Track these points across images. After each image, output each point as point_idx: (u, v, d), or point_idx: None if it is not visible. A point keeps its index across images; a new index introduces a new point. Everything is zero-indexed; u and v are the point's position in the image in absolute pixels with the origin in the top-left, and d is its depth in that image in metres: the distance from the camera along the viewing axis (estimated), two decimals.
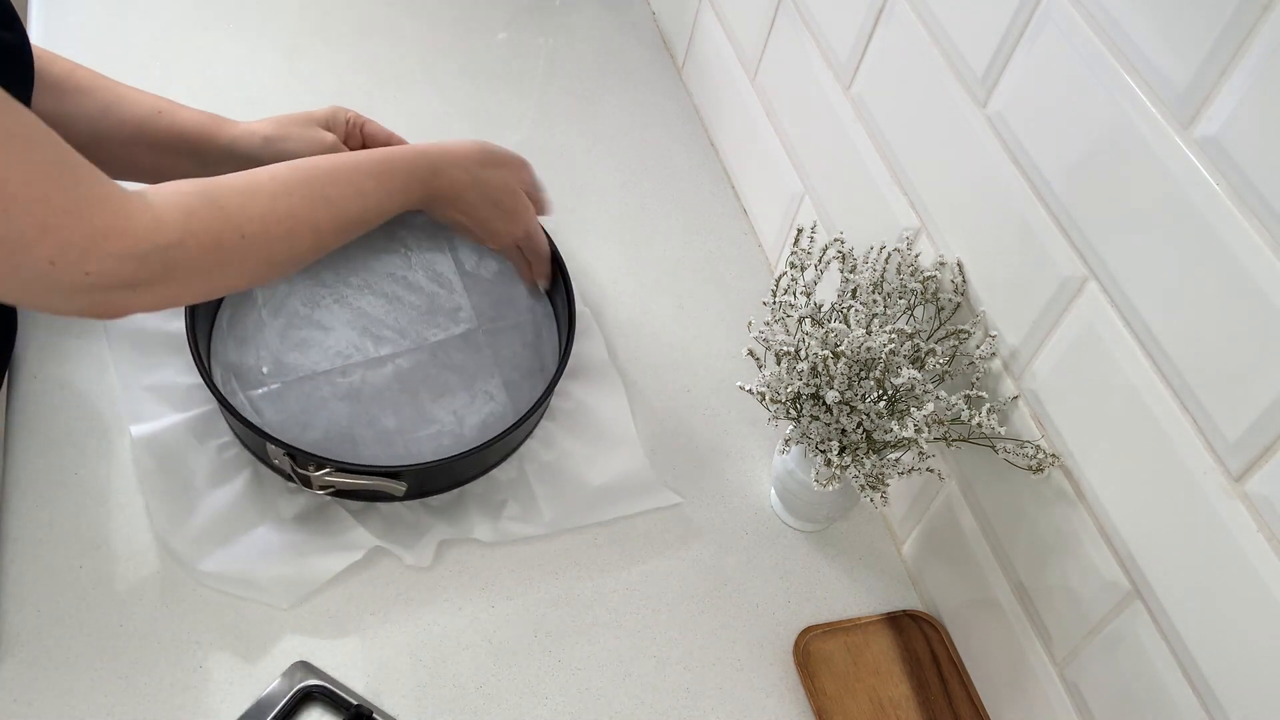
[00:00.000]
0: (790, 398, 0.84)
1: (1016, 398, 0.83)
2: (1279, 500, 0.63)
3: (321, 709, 0.80)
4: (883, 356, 0.82)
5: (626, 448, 0.98)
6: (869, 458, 0.83)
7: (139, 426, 0.89)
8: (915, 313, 0.89)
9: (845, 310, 0.87)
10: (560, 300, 0.99)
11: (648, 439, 1.01)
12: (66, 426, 0.90)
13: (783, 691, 0.88)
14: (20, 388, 0.91)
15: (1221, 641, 0.67)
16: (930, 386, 0.82)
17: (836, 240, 0.89)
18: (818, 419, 0.85)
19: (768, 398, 0.85)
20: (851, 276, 0.88)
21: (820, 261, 0.90)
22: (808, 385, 0.83)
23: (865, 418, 0.83)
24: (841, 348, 0.81)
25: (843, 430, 0.84)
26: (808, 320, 0.86)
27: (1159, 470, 0.71)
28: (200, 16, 1.26)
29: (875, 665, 0.90)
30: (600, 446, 0.97)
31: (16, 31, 0.76)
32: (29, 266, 0.65)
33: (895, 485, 0.96)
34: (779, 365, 0.85)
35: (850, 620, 0.93)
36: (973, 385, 0.85)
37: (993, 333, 0.84)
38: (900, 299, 0.88)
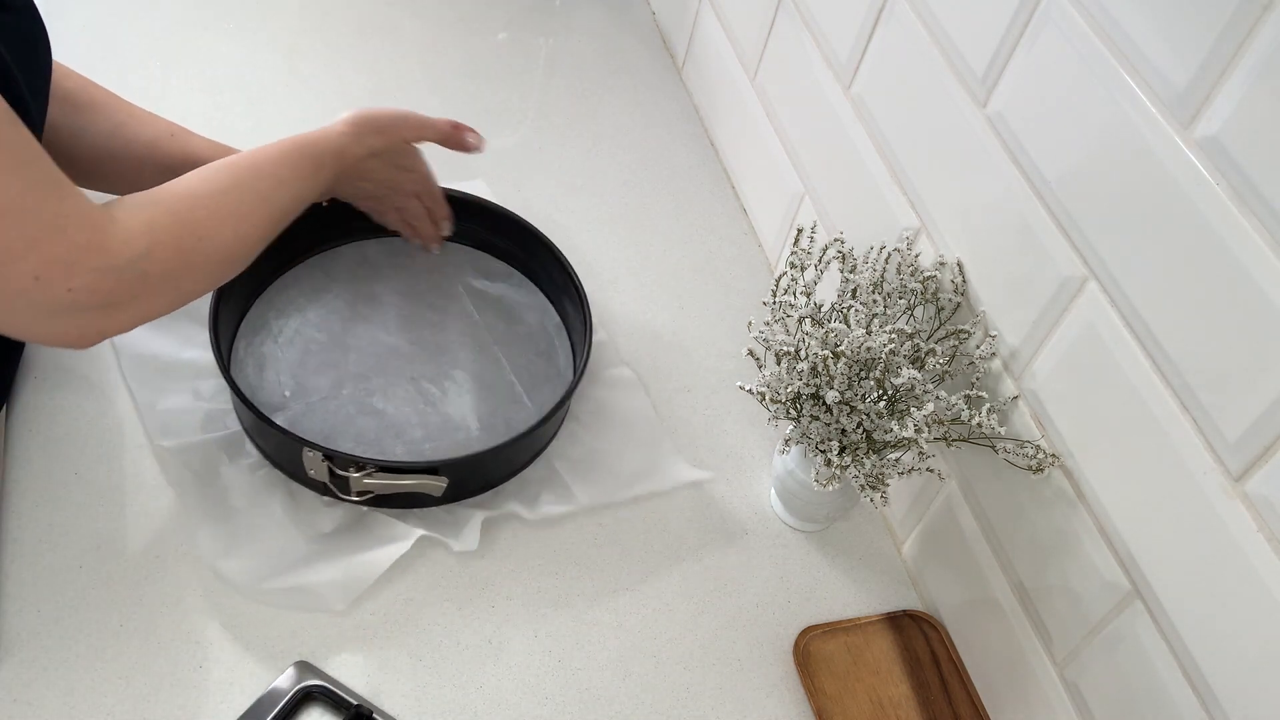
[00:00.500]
0: (790, 398, 0.84)
1: (1016, 398, 0.83)
2: (1279, 500, 0.63)
3: (321, 709, 0.80)
4: (883, 356, 0.82)
5: (651, 435, 1.00)
6: (869, 458, 0.83)
7: (169, 441, 0.89)
8: (915, 313, 0.89)
9: (845, 310, 0.87)
10: (572, 305, 1.01)
11: None
12: (67, 426, 0.90)
13: (783, 691, 0.88)
14: (21, 388, 0.91)
15: (1221, 641, 0.67)
16: (930, 386, 0.82)
17: (836, 240, 0.89)
18: (818, 419, 0.85)
19: (768, 398, 0.85)
20: (851, 276, 0.88)
21: (820, 261, 0.90)
22: (808, 385, 0.83)
23: (865, 418, 0.83)
24: (841, 348, 0.81)
25: (843, 430, 0.84)
26: (808, 320, 0.86)
27: (1159, 470, 0.71)
28: (200, 16, 1.26)
29: (875, 665, 0.90)
30: (626, 439, 0.99)
31: (36, 21, 0.77)
32: (14, 281, 0.65)
33: (895, 485, 0.96)
34: (779, 365, 0.85)
35: (850, 620, 0.93)
36: (973, 385, 0.85)
37: (993, 333, 0.84)
38: (900, 299, 0.88)
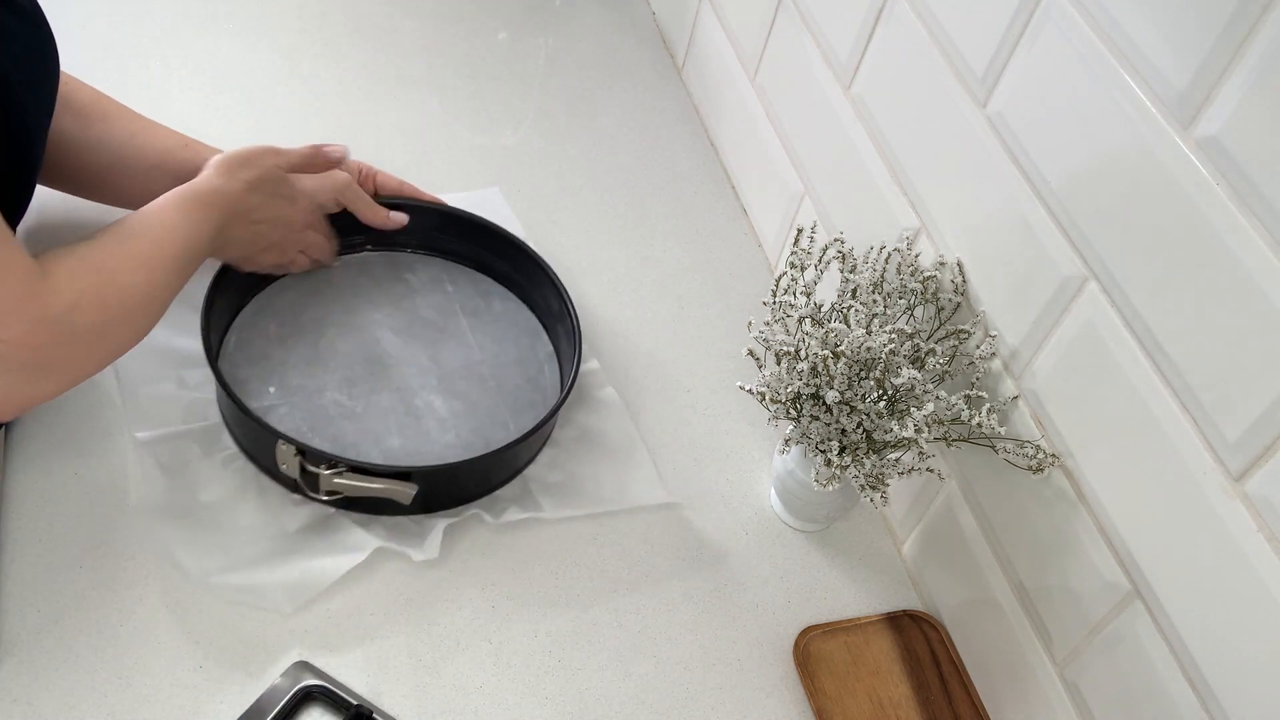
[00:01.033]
0: (790, 398, 0.84)
1: (1016, 398, 0.83)
2: (1279, 500, 0.63)
3: (321, 709, 0.80)
4: (883, 356, 0.82)
5: (631, 458, 0.98)
6: (869, 458, 0.83)
7: (145, 433, 0.89)
8: (915, 313, 0.89)
9: (845, 310, 0.87)
10: (565, 334, 1.00)
11: (647, 439, 1.01)
12: (67, 427, 0.90)
13: (783, 691, 0.88)
14: None
15: (1221, 641, 0.67)
16: (930, 386, 0.82)
17: (836, 240, 0.89)
18: (818, 419, 0.85)
19: (768, 398, 0.85)
20: (851, 276, 0.88)
21: (820, 261, 0.90)
22: (808, 385, 0.83)
23: (865, 418, 0.83)
24: (841, 348, 0.81)
25: (843, 430, 0.84)
26: (808, 320, 0.86)
27: (1159, 470, 0.71)
28: (200, 16, 1.26)
29: (875, 665, 0.90)
30: (604, 461, 0.97)
31: (41, 27, 0.77)
32: None
33: (895, 485, 0.96)
34: (779, 365, 0.85)
35: (850, 620, 0.93)
36: (973, 385, 0.85)
37: (993, 333, 0.84)
38: (900, 299, 0.88)
